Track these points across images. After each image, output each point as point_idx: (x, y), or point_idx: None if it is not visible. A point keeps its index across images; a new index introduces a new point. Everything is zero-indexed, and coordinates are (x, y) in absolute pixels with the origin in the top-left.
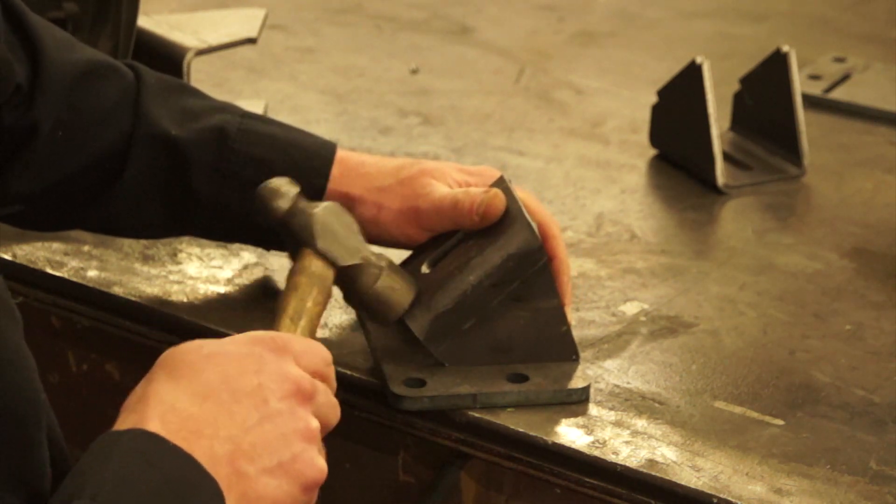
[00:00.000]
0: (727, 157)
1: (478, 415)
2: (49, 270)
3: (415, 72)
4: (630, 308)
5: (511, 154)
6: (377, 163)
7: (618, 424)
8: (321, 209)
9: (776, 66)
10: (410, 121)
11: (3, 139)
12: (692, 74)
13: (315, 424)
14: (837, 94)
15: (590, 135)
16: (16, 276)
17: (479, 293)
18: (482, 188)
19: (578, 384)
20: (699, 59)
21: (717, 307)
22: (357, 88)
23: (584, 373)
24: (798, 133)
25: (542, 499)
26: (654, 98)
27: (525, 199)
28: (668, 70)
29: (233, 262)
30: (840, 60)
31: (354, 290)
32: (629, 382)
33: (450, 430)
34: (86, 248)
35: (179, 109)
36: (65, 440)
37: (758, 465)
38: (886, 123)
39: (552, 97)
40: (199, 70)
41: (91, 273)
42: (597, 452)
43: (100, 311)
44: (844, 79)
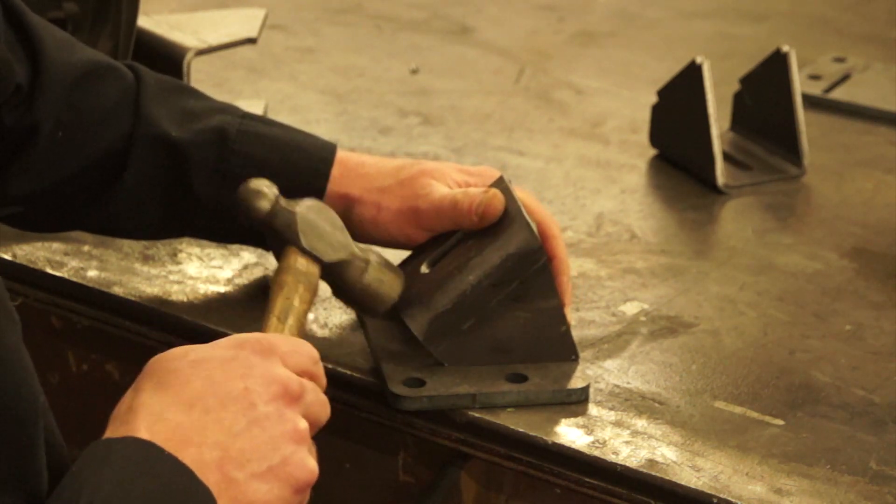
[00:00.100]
0: (727, 157)
1: (478, 415)
2: (49, 270)
3: (415, 72)
4: (630, 308)
5: (511, 154)
6: (377, 163)
7: (618, 424)
8: (303, 207)
9: (776, 66)
10: (410, 121)
11: (3, 140)
12: (692, 74)
13: (304, 425)
14: (837, 94)
15: (590, 135)
16: (16, 276)
17: (479, 293)
18: (481, 188)
19: (578, 384)
20: (699, 59)
21: (717, 307)
22: (357, 88)
23: (584, 373)
24: (798, 133)
25: (542, 499)
26: (654, 98)
27: (525, 199)
28: (668, 70)
29: (233, 262)
30: (840, 60)
31: (343, 286)
32: (629, 382)
33: (450, 430)
34: (86, 248)
35: (179, 110)
36: (65, 440)
37: (758, 465)
38: (886, 123)
39: (552, 97)
40: (199, 70)
41: (91, 273)
42: (597, 452)
43: (100, 311)
44: (844, 79)
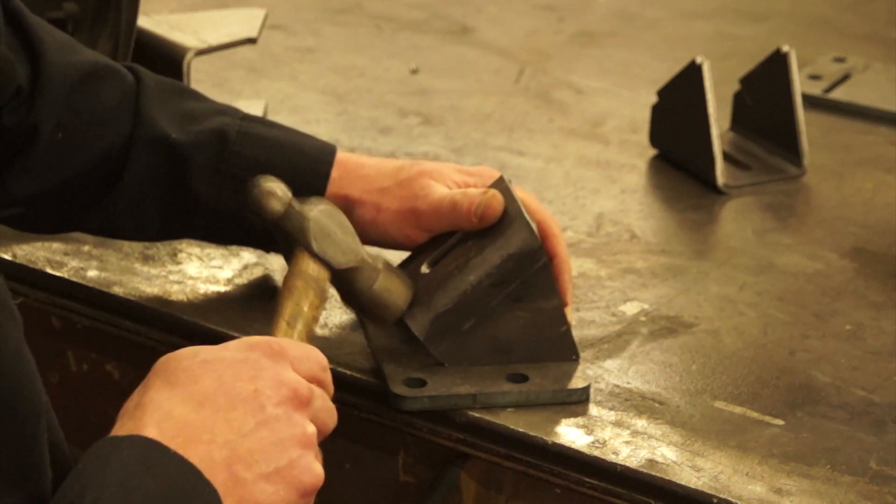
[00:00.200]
0: (727, 157)
1: (478, 415)
2: (49, 270)
3: (415, 72)
4: (630, 308)
5: (511, 154)
6: (376, 164)
7: (618, 424)
8: (317, 211)
9: (776, 66)
10: (410, 121)
11: (4, 141)
12: (692, 74)
13: (312, 430)
14: (837, 94)
15: (590, 135)
16: (16, 276)
17: (479, 293)
18: (480, 189)
19: (578, 384)
20: (699, 59)
21: (717, 307)
22: (357, 88)
23: (584, 373)
24: (798, 133)
25: (542, 499)
26: (654, 98)
27: (525, 199)
28: (668, 70)
29: (233, 262)
30: (840, 60)
31: (352, 292)
32: (629, 382)
33: (450, 430)
34: (86, 248)
35: (179, 112)
36: (65, 440)
37: (758, 465)
38: (886, 123)
39: (552, 97)
40: (199, 70)
41: (91, 273)
42: (597, 452)
43: (100, 311)
44: (844, 79)
